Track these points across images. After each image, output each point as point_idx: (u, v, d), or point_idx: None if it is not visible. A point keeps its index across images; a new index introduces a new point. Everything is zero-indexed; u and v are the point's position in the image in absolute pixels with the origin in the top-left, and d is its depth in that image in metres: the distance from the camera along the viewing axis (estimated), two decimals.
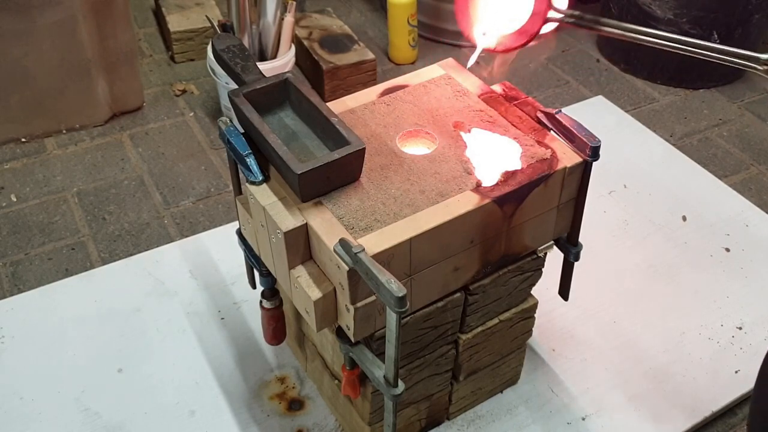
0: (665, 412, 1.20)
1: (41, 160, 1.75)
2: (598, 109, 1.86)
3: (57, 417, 1.19)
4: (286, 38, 1.78)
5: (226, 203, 1.63)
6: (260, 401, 1.21)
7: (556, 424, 1.18)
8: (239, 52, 0.99)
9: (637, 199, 1.57)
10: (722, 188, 1.62)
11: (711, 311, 1.35)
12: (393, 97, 1.04)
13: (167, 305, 1.35)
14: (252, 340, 1.29)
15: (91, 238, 1.54)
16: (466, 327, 1.04)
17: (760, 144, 1.82)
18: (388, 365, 0.86)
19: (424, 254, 0.88)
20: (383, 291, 0.76)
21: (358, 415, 1.08)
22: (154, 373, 1.25)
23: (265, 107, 0.94)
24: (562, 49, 2.19)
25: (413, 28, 2.05)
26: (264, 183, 0.90)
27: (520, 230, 0.96)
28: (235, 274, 1.39)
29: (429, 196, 0.89)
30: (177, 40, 2.05)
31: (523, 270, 1.03)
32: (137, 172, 1.71)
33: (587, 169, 0.96)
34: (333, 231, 0.84)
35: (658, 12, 1.92)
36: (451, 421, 1.18)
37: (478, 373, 1.14)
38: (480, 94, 1.04)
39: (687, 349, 1.29)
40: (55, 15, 1.66)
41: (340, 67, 1.91)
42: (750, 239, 1.50)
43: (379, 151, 0.95)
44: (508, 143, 0.96)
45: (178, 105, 1.92)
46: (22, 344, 1.29)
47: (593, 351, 1.28)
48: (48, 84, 1.74)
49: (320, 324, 0.90)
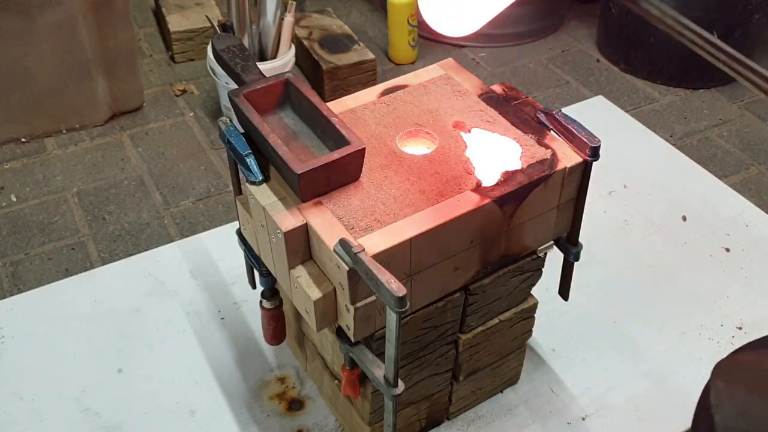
0: (665, 412, 1.20)
1: (41, 160, 1.75)
2: (598, 109, 1.86)
3: (57, 417, 1.19)
4: (286, 38, 1.78)
5: (226, 203, 1.64)
6: (260, 401, 1.21)
7: (556, 424, 1.18)
8: (239, 52, 0.99)
9: (637, 199, 1.57)
10: (722, 188, 1.62)
11: (711, 311, 1.35)
12: (393, 97, 1.04)
13: (167, 305, 1.35)
14: (252, 340, 1.29)
15: (91, 238, 1.55)
16: (466, 327, 1.04)
17: (760, 144, 1.82)
18: (388, 365, 0.86)
19: (424, 254, 0.88)
20: (383, 291, 0.76)
21: (358, 415, 1.08)
22: (154, 373, 1.25)
23: (265, 107, 0.94)
24: (562, 49, 2.19)
25: (413, 28, 2.05)
26: (264, 183, 0.90)
27: (520, 230, 0.96)
28: (235, 274, 1.39)
29: (429, 196, 0.89)
30: (177, 40, 2.05)
31: (523, 270, 1.03)
32: (137, 172, 1.72)
33: (587, 169, 0.96)
34: (333, 231, 0.84)
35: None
36: (451, 421, 1.18)
37: (478, 373, 1.14)
38: (480, 94, 1.04)
39: (687, 349, 1.29)
40: (55, 15, 1.66)
41: (340, 67, 1.91)
42: (750, 239, 1.50)
43: (379, 151, 0.95)
44: (508, 143, 0.96)
45: (178, 105, 1.93)
46: (22, 344, 1.29)
47: (593, 351, 1.28)
48: (48, 84, 1.74)
49: (320, 324, 0.90)
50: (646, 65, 2.03)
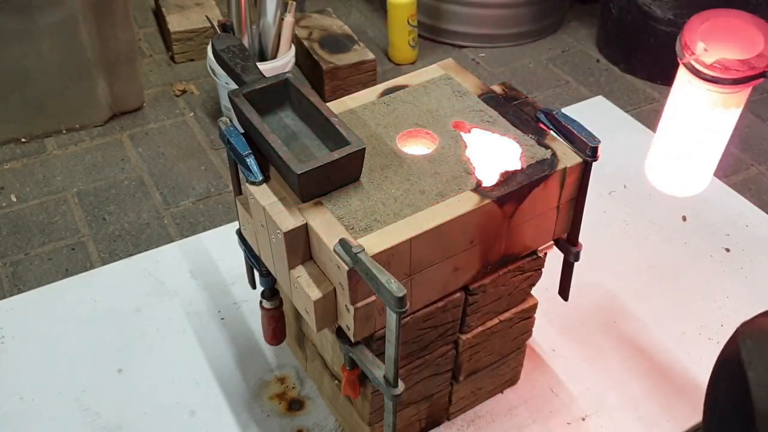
0: (665, 412, 1.20)
1: (41, 160, 1.75)
2: (598, 109, 1.86)
3: (57, 417, 1.19)
4: (286, 38, 1.78)
5: (226, 203, 1.64)
6: (260, 401, 1.21)
7: (556, 424, 1.18)
8: (239, 52, 0.99)
9: (637, 199, 1.57)
10: (722, 188, 1.62)
11: (711, 311, 1.35)
12: (393, 97, 1.04)
13: (167, 305, 1.35)
14: (252, 340, 1.29)
15: (91, 238, 1.55)
16: (466, 327, 1.04)
17: (760, 144, 1.82)
18: (388, 365, 0.86)
19: (424, 254, 0.88)
20: (383, 291, 0.76)
21: (358, 415, 1.08)
22: (154, 373, 1.25)
23: (265, 107, 0.94)
24: (562, 49, 2.19)
25: (413, 28, 2.05)
26: (264, 183, 0.90)
27: (520, 230, 0.96)
28: (235, 274, 1.40)
29: (429, 196, 0.89)
30: (177, 40, 2.05)
31: (523, 270, 1.03)
32: (137, 172, 1.72)
33: (587, 169, 0.96)
34: (333, 231, 0.84)
35: (658, 12, 1.92)
36: (451, 421, 1.18)
37: (478, 373, 1.14)
38: (480, 94, 1.04)
39: (687, 349, 1.29)
40: (55, 15, 1.66)
41: (340, 67, 1.91)
42: (750, 239, 1.50)
43: (379, 151, 0.95)
44: (508, 143, 0.96)
45: (178, 105, 1.93)
46: (22, 344, 1.29)
47: (593, 351, 1.28)
48: (48, 84, 1.74)
49: (320, 324, 0.90)
50: (646, 65, 2.02)
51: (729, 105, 1.19)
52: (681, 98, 1.25)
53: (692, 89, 1.20)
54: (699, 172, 1.33)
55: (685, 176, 1.35)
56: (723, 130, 1.25)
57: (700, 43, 1.12)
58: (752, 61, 1.09)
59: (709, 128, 1.23)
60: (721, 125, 1.23)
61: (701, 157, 1.29)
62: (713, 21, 1.14)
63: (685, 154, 1.29)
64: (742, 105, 1.21)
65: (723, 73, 1.12)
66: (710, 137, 1.26)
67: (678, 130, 1.29)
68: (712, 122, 1.21)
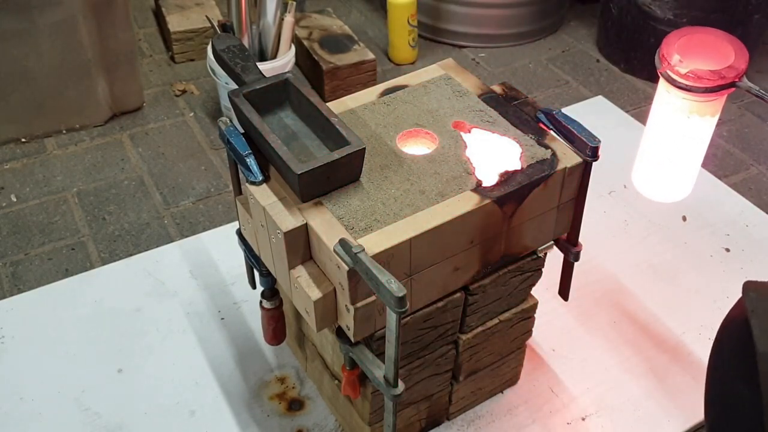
0: (665, 412, 1.20)
1: (41, 160, 1.75)
2: (598, 109, 1.86)
3: (57, 417, 1.19)
4: (286, 38, 1.78)
5: (226, 203, 1.63)
6: (260, 401, 1.21)
7: (556, 424, 1.18)
8: (239, 52, 0.99)
9: (637, 199, 1.57)
10: (722, 188, 1.62)
11: (711, 311, 1.35)
12: (393, 97, 1.04)
13: (167, 305, 1.35)
14: (252, 340, 1.29)
15: (91, 238, 1.55)
16: (466, 327, 1.04)
17: (760, 144, 1.82)
18: (388, 365, 0.86)
19: (424, 254, 0.88)
20: (383, 291, 0.76)
21: (358, 415, 1.08)
22: (154, 373, 1.25)
23: (265, 107, 0.94)
24: (562, 49, 2.19)
25: (413, 28, 2.05)
26: (264, 183, 0.90)
27: (520, 230, 0.96)
28: (235, 274, 1.40)
29: (429, 196, 0.89)
30: (177, 40, 2.05)
31: (523, 270, 1.03)
32: (137, 172, 1.72)
33: (587, 169, 0.96)
34: (333, 231, 0.84)
35: (658, 12, 1.92)
36: (451, 421, 1.18)
37: (478, 373, 1.14)
38: (480, 94, 1.04)
39: (687, 349, 1.29)
40: (55, 15, 1.66)
41: (340, 67, 1.91)
42: (750, 239, 1.50)
43: (379, 151, 0.95)
44: (507, 143, 0.96)
45: (178, 105, 1.93)
46: (22, 344, 1.29)
47: (593, 351, 1.28)
48: (48, 84, 1.74)
49: (320, 324, 0.90)
50: (646, 65, 2.02)
51: (704, 113, 1.27)
52: (660, 107, 1.33)
53: (670, 98, 1.28)
54: (680, 178, 1.41)
55: (666, 182, 1.42)
56: (700, 137, 1.33)
57: (675, 55, 1.21)
58: (723, 72, 1.19)
59: (686, 135, 1.31)
60: (697, 133, 1.32)
61: (681, 163, 1.37)
62: (689, 37, 1.24)
63: (665, 161, 1.37)
64: (717, 114, 1.30)
65: (696, 82, 1.20)
66: (688, 144, 1.34)
67: (659, 138, 1.37)
68: (689, 129, 1.30)
